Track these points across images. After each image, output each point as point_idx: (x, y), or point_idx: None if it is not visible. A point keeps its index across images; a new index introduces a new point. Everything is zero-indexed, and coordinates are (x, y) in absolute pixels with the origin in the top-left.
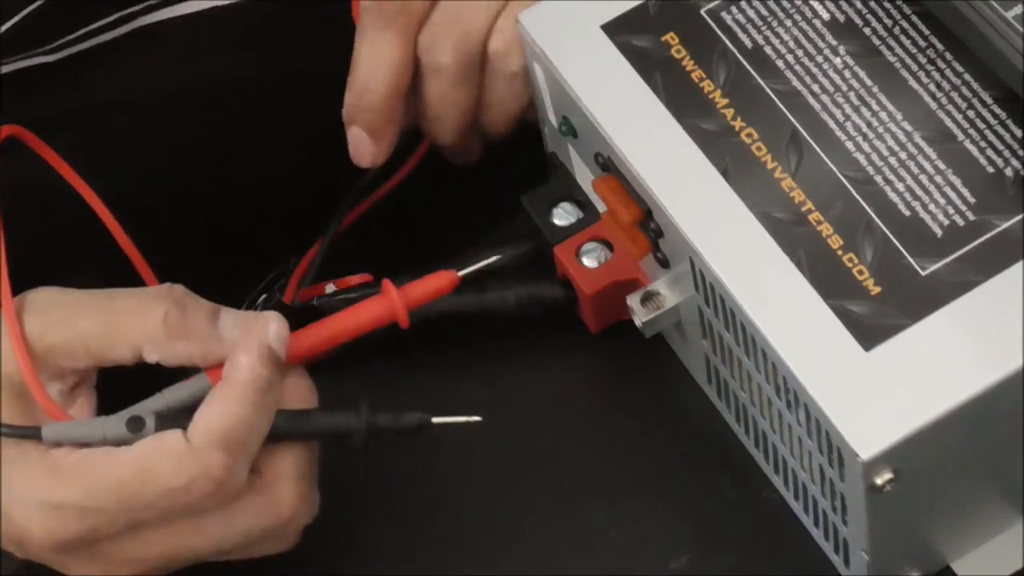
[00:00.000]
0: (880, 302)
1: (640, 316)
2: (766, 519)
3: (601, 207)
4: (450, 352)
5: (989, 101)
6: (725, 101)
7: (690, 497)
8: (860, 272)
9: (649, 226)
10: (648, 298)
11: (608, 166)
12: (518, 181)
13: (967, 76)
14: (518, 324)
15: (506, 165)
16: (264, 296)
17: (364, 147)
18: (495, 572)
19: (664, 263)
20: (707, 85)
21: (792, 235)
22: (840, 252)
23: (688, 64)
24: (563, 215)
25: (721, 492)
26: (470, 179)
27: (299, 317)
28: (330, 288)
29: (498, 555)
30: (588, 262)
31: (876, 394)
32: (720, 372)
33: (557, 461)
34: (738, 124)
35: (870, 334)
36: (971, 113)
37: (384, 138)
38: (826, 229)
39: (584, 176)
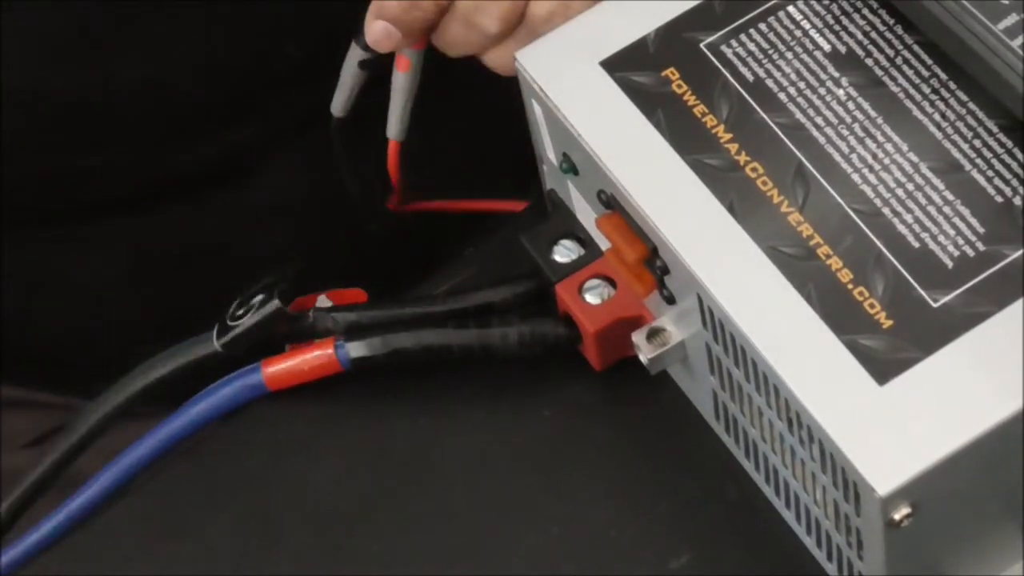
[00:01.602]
0: (893, 335)
1: (646, 353)
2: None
3: (603, 244)
4: (450, 385)
5: (995, 130)
6: (729, 136)
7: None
8: (872, 306)
9: (655, 263)
10: (653, 335)
11: (611, 203)
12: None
13: (972, 105)
14: (520, 361)
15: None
16: (261, 296)
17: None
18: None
19: (670, 299)
20: (710, 120)
21: (801, 270)
22: (851, 286)
23: (690, 99)
24: (564, 252)
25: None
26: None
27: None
28: (322, 300)
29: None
30: (591, 299)
31: (892, 428)
32: (729, 408)
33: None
34: (743, 159)
35: (884, 368)
36: (977, 142)
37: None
38: (835, 263)
39: (585, 213)
